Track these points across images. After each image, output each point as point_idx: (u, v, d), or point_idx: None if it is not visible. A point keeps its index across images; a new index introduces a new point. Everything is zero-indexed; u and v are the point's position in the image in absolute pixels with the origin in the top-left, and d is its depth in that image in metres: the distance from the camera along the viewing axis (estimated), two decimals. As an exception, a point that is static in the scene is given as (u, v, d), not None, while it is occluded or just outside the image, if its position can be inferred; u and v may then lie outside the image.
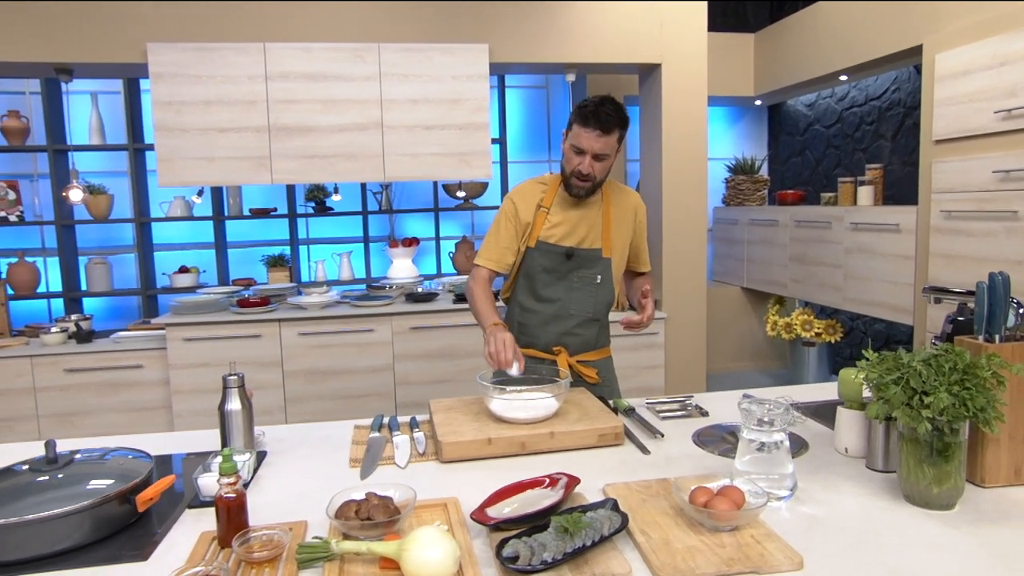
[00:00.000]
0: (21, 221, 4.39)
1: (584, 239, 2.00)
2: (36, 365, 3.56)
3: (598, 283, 2.03)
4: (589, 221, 2.00)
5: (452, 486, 1.40)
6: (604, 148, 1.86)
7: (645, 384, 4.09)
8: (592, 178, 1.90)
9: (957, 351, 1.21)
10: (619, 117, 1.85)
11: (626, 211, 2.06)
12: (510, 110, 5.17)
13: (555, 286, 2.02)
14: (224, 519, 1.15)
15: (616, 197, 2.05)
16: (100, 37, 3.43)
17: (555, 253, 1.99)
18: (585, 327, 2.06)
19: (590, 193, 1.96)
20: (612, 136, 1.85)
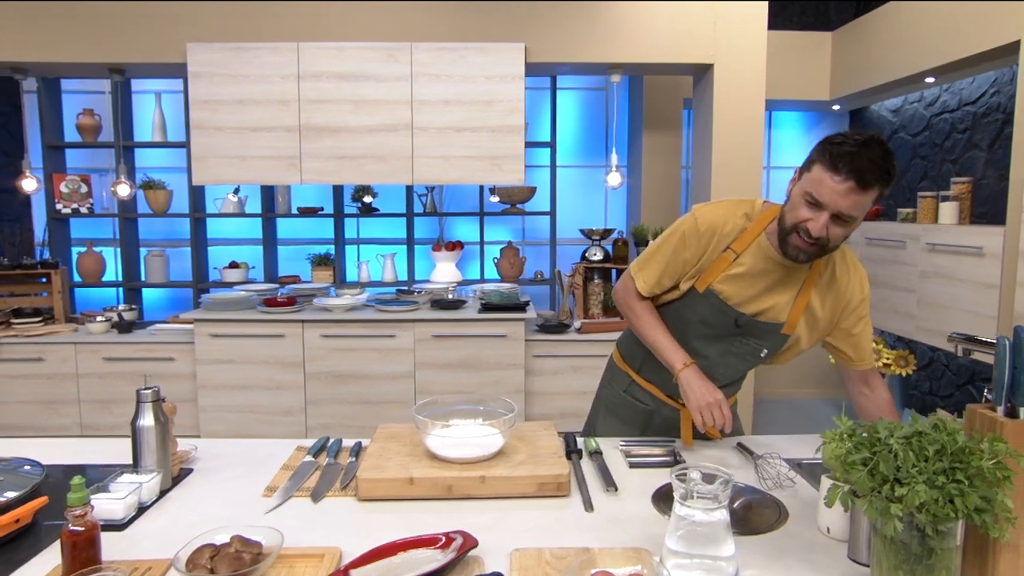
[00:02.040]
0: (91, 213, 4.62)
1: (768, 310, 1.54)
2: (79, 352, 3.71)
3: (762, 357, 1.61)
4: (784, 294, 1.53)
5: (354, 530, 1.24)
6: (853, 208, 1.33)
7: (683, 409, 3.78)
8: (824, 243, 1.39)
9: (950, 429, 0.94)
10: (886, 169, 1.31)
11: (836, 294, 1.54)
12: (565, 113, 4.98)
13: (709, 343, 1.61)
14: (68, 555, 1.05)
15: (831, 272, 1.54)
16: (147, 38, 3.52)
17: (724, 314, 1.56)
18: (727, 389, 1.71)
19: (811, 259, 1.45)
20: (870, 193, 1.32)
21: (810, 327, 1.57)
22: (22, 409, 3.71)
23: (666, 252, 1.59)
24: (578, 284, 4.00)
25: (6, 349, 3.70)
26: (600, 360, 3.75)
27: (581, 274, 4.01)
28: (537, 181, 4.85)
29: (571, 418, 3.80)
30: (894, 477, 0.91)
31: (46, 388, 3.70)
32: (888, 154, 1.32)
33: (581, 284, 4.02)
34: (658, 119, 4.60)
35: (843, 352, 1.60)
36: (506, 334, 3.65)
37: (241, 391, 3.63)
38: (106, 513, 1.26)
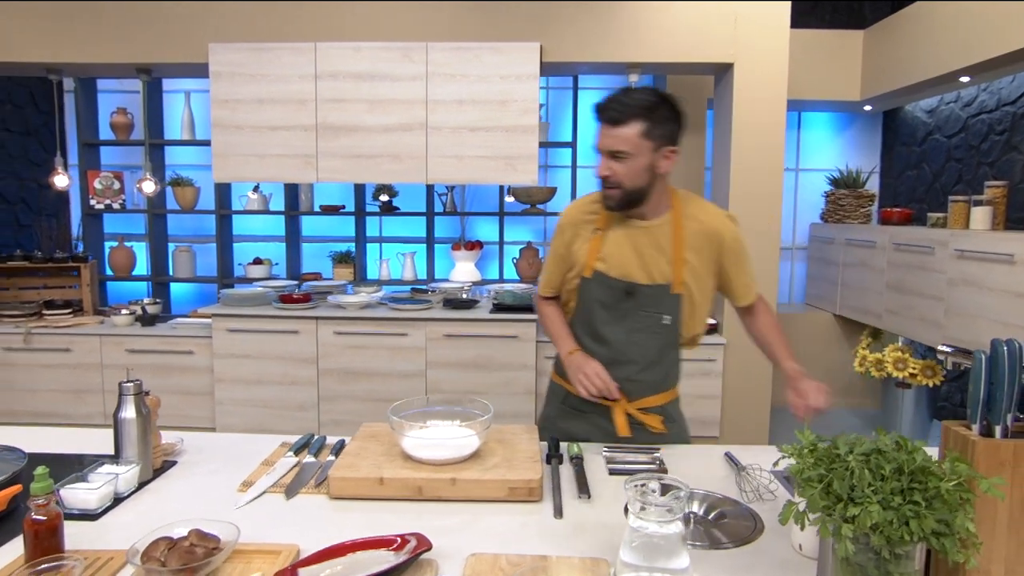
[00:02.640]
0: (122, 209, 4.76)
1: (649, 272, 1.65)
2: (104, 343, 3.82)
3: (666, 324, 1.68)
4: (656, 250, 1.65)
5: (321, 527, 1.25)
6: (619, 144, 1.54)
7: (697, 415, 3.72)
8: (616, 183, 1.57)
9: (910, 447, 0.89)
10: (635, 106, 1.52)
11: (703, 236, 1.66)
12: (587, 113, 4.93)
13: (614, 326, 1.69)
14: (31, 543, 1.07)
15: (691, 219, 1.66)
16: (172, 39, 3.61)
17: (613, 288, 1.66)
18: (649, 371, 1.72)
19: (625, 204, 1.61)
20: (626, 128, 1.53)
21: (696, 280, 1.67)
22: (51, 397, 3.84)
23: (552, 253, 1.78)
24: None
25: (37, 339, 3.83)
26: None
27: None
28: (559, 182, 4.83)
29: (583, 421, 3.76)
30: (848, 496, 0.87)
31: (73, 378, 3.82)
32: (642, 93, 1.54)
33: (596, 286, 3.97)
34: (681, 119, 4.52)
35: (728, 292, 1.76)
36: (517, 335, 3.63)
37: (256, 385, 3.69)
38: (81, 503, 1.29)
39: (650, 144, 1.55)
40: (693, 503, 1.37)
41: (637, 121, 1.53)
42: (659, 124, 1.55)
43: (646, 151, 1.55)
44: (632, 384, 1.72)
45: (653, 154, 1.57)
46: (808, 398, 1.60)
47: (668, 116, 1.57)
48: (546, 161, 5.13)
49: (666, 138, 1.57)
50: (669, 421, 1.78)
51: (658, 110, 1.54)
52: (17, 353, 3.84)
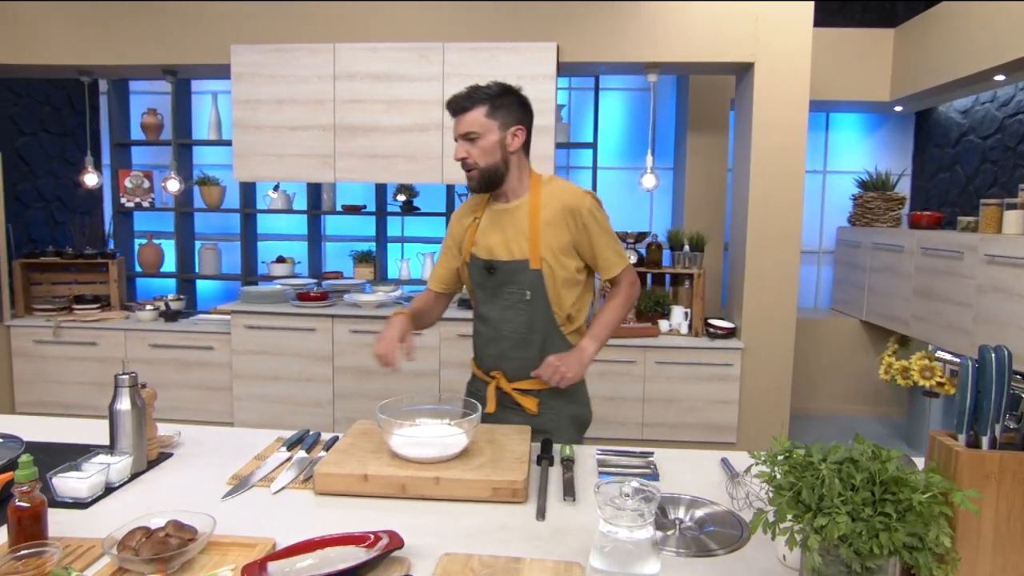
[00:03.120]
0: (152, 207, 4.89)
1: (508, 249, 1.77)
2: (129, 338, 3.92)
3: (528, 299, 1.77)
4: (515, 228, 1.77)
5: (302, 522, 1.25)
6: (467, 126, 1.70)
7: (713, 421, 3.65)
8: (472, 164, 1.72)
9: (884, 456, 0.86)
10: (477, 94, 1.69)
11: (559, 212, 1.75)
12: (610, 114, 4.91)
13: (489, 304, 1.84)
14: (14, 530, 1.10)
15: (547, 197, 1.77)
16: (196, 41, 3.69)
17: (479, 267, 1.81)
18: (522, 348, 1.81)
19: (485, 184, 1.75)
20: (472, 113, 1.69)
21: (556, 256, 1.75)
22: (78, 390, 3.95)
23: (443, 250, 1.95)
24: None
25: (66, 333, 3.95)
26: (627, 366, 3.68)
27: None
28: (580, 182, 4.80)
29: (597, 424, 3.70)
30: (816, 506, 0.84)
31: (98, 371, 3.93)
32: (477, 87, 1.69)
33: (613, 288, 3.93)
34: (703, 120, 4.46)
35: (594, 266, 1.84)
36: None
37: (273, 382, 3.74)
38: (72, 491, 1.32)
39: (495, 123, 1.70)
40: (679, 509, 1.34)
41: (481, 105, 1.69)
42: (502, 107, 1.70)
43: (494, 130, 1.70)
44: (507, 362, 1.83)
45: (501, 132, 1.71)
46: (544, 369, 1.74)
47: (511, 102, 1.72)
48: (568, 162, 5.11)
49: (511, 119, 1.72)
50: (545, 408, 1.83)
51: (500, 97, 1.71)
52: (48, 346, 3.96)
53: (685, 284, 3.93)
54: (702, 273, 3.82)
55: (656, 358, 3.67)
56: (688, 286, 3.90)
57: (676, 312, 3.85)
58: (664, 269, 3.93)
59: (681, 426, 3.69)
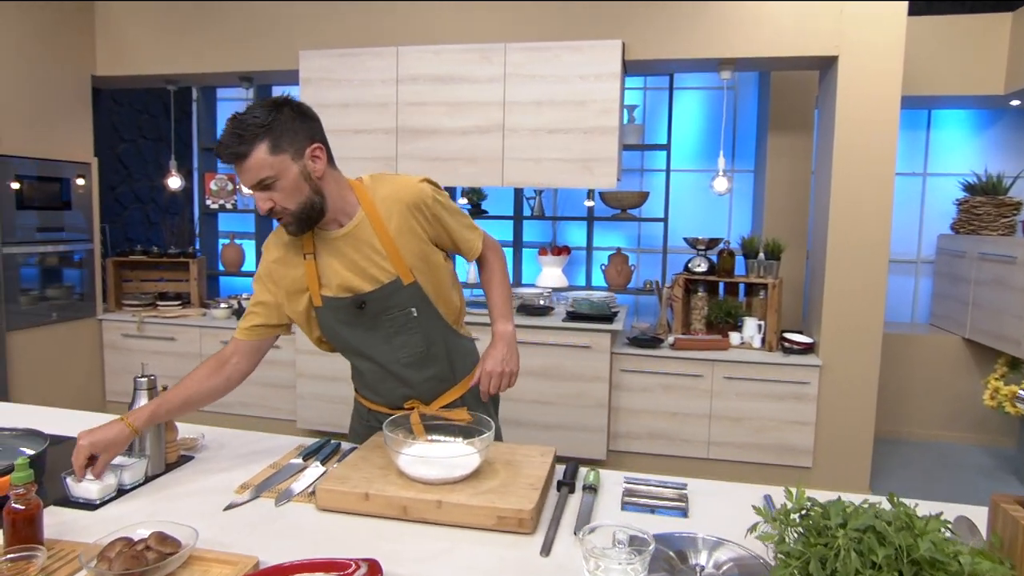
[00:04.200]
0: (234, 209, 5.11)
1: (372, 277, 1.53)
2: (203, 335, 4.09)
3: (416, 316, 1.58)
4: (366, 251, 1.52)
5: (295, 539, 1.21)
6: (256, 175, 1.39)
7: (786, 443, 3.39)
8: (282, 210, 1.44)
9: (920, 528, 0.70)
10: (248, 133, 1.37)
11: (403, 213, 1.52)
12: (688, 114, 4.70)
13: (369, 339, 1.60)
14: (9, 532, 1.10)
15: (384, 203, 1.53)
16: (268, 47, 3.80)
17: (345, 308, 1.55)
18: (428, 366, 1.64)
19: (305, 225, 1.48)
20: (253, 156, 1.37)
21: (422, 258, 1.56)
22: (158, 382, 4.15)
23: (253, 298, 1.63)
24: (677, 296, 3.73)
25: (149, 328, 4.17)
26: (695, 380, 3.48)
27: (681, 286, 3.73)
28: (654, 186, 4.62)
29: (659, 439, 3.55)
30: (827, 580, 0.69)
31: (176, 366, 4.12)
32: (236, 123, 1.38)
33: (681, 297, 3.74)
34: (785, 119, 4.17)
35: (456, 251, 1.67)
36: (590, 345, 3.48)
37: (332, 382, 3.80)
38: (83, 492, 1.33)
39: (286, 156, 1.40)
40: (701, 553, 1.19)
41: (258, 143, 1.38)
42: (283, 134, 1.40)
43: (287, 164, 1.41)
44: (418, 387, 1.65)
45: (297, 163, 1.42)
46: (487, 384, 1.62)
47: (288, 121, 1.41)
48: (642, 165, 4.93)
49: (300, 140, 1.43)
50: (473, 410, 1.64)
51: (273, 122, 1.39)
52: (133, 339, 4.20)
53: (760, 294, 3.67)
54: (778, 283, 3.56)
55: (725, 373, 3.44)
56: (763, 297, 3.64)
57: (749, 324, 3.60)
58: (737, 278, 3.70)
59: (750, 446, 3.44)
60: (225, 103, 5.21)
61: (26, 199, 3.72)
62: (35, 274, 3.85)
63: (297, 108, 1.45)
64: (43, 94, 3.81)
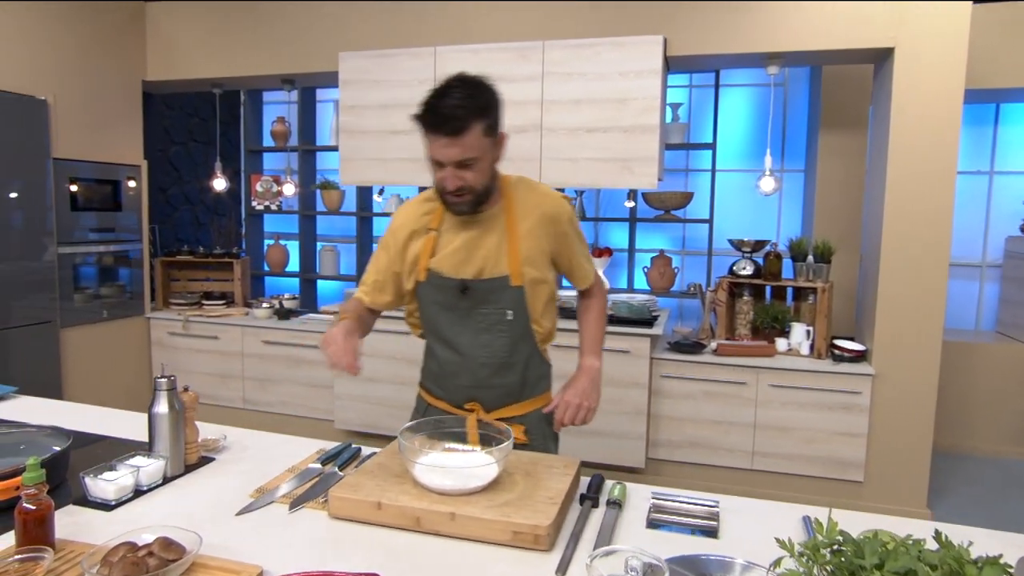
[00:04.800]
0: (279, 210, 5.19)
1: (484, 267, 1.55)
2: (245, 334, 4.15)
3: (510, 320, 1.56)
4: (490, 242, 1.54)
5: (303, 548, 1.17)
6: (463, 153, 1.40)
7: (835, 455, 3.22)
8: (468, 190, 1.46)
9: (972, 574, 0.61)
10: (473, 106, 1.38)
11: (538, 220, 1.55)
12: (736, 112, 4.55)
13: (458, 327, 1.59)
14: (20, 531, 1.10)
15: (524, 205, 1.56)
16: (308, 50, 3.84)
17: (448, 287, 1.56)
18: (502, 375, 1.61)
19: (476, 206, 1.50)
20: (469, 134, 1.39)
21: (537, 268, 1.56)
22: (202, 380, 4.24)
23: (379, 257, 1.66)
24: (720, 301, 3.60)
25: (193, 326, 4.26)
26: (739, 388, 3.34)
27: (725, 289, 3.60)
28: (700, 186, 4.49)
29: (701, 448, 3.43)
30: (860, 627, 0.61)
31: (219, 363, 4.20)
32: (469, 89, 1.39)
33: (725, 301, 3.60)
34: (838, 116, 3.99)
35: (569, 275, 1.68)
36: (629, 350, 3.39)
37: (370, 384, 3.80)
38: (100, 492, 1.33)
39: (490, 140, 1.45)
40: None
41: (476, 123, 1.39)
42: (493, 116, 1.44)
43: (489, 149, 1.46)
44: (485, 391, 1.62)
45: (494, 149, 1.48)
46: (563, 413, 1.60)
47: (494, 103, 1.45)
48: (687, 164, 4.80)
49: (497, 126, 1.47)
50: (533, 434, 1.65)
51: (489, 102, 1.43)
52: (179, 337, 4.29)
53: (809, 299, 3.50)
54: (827, 287, 3.39)
55: (771, 380, 3.30)
56: (812, 301, 3.47)
57: (797, 330, 3.44)
58: (784, 282, 3.54)
59: (797, 458, 3.29)
60: (271, 106, 5.30)
61: (80, 201, 3.84)
62: (88, 273, 3.98)
63: (493, 88, 1.47)
64: (96, 99, 3.93)
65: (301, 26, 3.84)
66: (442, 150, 1.40)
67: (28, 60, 3.54)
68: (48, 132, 3.62)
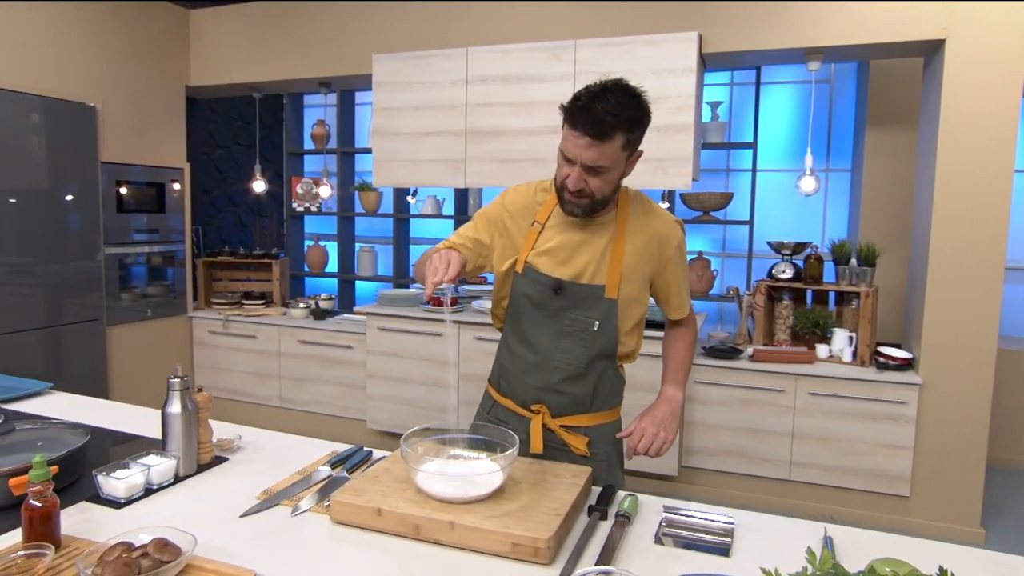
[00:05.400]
0: (319, 211, 5.27)
1: (583, 271, 1.52)
2: (282, 333, 4.23)
3: (595, 331, 1.53)
4: (595, 249, 1.52)
5: (300, 553, 1.16)
6: (599, 159, 1.37)
7: (879, 468, 3.08)
8: (588, 195, 1.43)
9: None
10: (624, 116, 1.34)
11: (648, 240, 1.53)
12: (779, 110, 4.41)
13: (541, 327, 1.57)
14: (27, 528, 1.12)
15: (638, 220, 1.53)
16: (344, 53, 3.88)
17: (542, 284, 1.54)
18: (574, 383, 1.58)
19: (590, 212, 1.48)
20: (611, 143, 1.35)
21: (634, 285, 1.53)
22: (240, 378, 4.34)
23: (483, 216, 1.61)
24: (758, 305, 3.48)
25: (233, 325, 4.36)
26: (773, 395, 3.23)
27: (763, 293, 3.48)
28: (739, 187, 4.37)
29: (736, 457, 3.32)
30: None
31: (257, 362, 4.28)
32: (626, 99, 1.35)
33: (763, 305, 3.49)
34: (886, 113, 3.82)
35: (665, 302, 1.63)
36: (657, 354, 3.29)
37: (402, 384, 3.81)
38: (111, 490, 1.35)
39: (626, 155, 1.42)
40: (736, 603, 1.05)
41: (621, 134, 1.36)
42: (638, 133, 1.40)
43: (622, 162, 1.43)
44: (554, 396, 1.59)
45: (626, 164, 1.45)
46: (637, 440, 1.55)
47: (644, 120, 1.40)
48: (727, 164, 4.68)
49: (638, 144, 1.43)
50: (596, 446, 1.61)
51: (640, 119, 1.39)
52: (219, 336, 4.40)
53: (852, 304, 3.36)
54: (872, 292, 3.24)
55: (810, 388, 3.17)
56: (855, 306, 3.33)
57: (839, 336, 3.30)
58: (826, 285, 3.40)
59: (837, 470, 3.15)
60: (312, 109, 5.39)
61: (126, 203, 3.97)
62: (133, 273, 4.11)
63: (647, 107, 1.41)
64: (142, 104, 4.06)
65: (336, 29, 3.89)
66: (579, 149, 1.37)
67: (79, 69, 3.68)
68: (97, 137, 3.76)
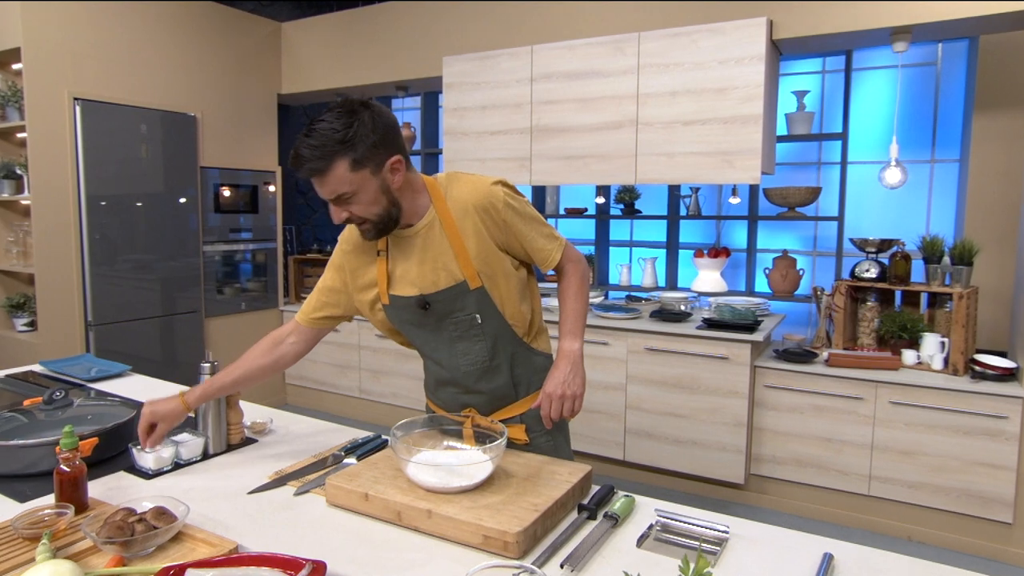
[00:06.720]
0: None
1: (438, 278, 1.49)
2: (362, 328, 4.42)
3: (480, 323, 1.51)
4: (435, 251, 1.48)
5: (290, 531, 1.23)
6: (335, 189, 1.35)
7: (973, 489, 2.80)
8: (360, 220, 1.41)
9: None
10: (328, 145, 1.30)
11: (475, 215, 1.46)
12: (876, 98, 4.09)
13: (433, 341, 1.56)
14: (58, 490, 1.26)
15: (456, 203, 1.47)
16: (417, 56, 4.00)
17: (410, 307, 1.52)
18: (490, 379, 1.57)
19: (382, 232, 1.44)
20: (332, 172, 1.33)
21: (491, 263, 1.50)
22: (324, 369, 4.59)
23: (322, 282, 1.62)
24: (838, 306, 3.25)
25: (318, 319, 4.61)
26: (853, 403, 3.01)
27: (843, 293, 3.24)
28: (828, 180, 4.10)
29: (809, 467, 3.13)
30: None
31: (339, 355, 4.51)
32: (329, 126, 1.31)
33: (843, 306, 3.25)
34: (996, 95, 3.44)
35: (532, 261, 1.58)
36: (728, 356, 3.16)
37: (468, 379, 3.88)
38: (143, 461, 1.49)
39: (366, 171, 1.35)
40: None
41: (337, 159, 1.32)
42: (363, 148, 1.33)
43: (367, 179, 1.37)
44: (476, 396, 1.59)
45: (377, 177, 1.37)
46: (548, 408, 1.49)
47: (368, 132, 1.33)
48: (819, 157, 4.39)
49: (381, 154, 1.36)
50: (535, 430, 1.60)
51: (354, 136, 1.32)
52: (307, 329, 4.66)
53: (946, 306, 3.06)
54: (967, 293, 2.94)
55: (892, 397, 2.92)
56: (949, 309, 3.03)
57: (929, 341, 3.02)
58: (913, 286, 3.12)
59: (924, 487, 2.89)
60: (398, 112, 5.60)
61: (222, 204, 4.31)
62: (228, 269, 4.45)
63: (377, 116, 1.37)
64: (239, 112, 4.39)
65: (409, 33, 4.02)
66: (318, 188, 1.38)
67: (182, 82, 4.04)
68: (197, 143, 4.10)
